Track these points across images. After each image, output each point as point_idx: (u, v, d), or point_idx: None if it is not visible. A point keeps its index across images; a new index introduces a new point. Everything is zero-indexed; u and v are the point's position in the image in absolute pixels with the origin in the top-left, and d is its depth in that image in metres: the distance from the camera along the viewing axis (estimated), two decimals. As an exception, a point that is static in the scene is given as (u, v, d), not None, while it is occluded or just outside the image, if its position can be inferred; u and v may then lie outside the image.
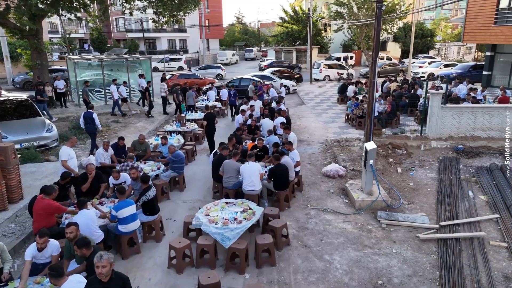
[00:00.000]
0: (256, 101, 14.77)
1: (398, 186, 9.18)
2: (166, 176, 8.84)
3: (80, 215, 5.93)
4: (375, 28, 9.50)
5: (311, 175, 10.10)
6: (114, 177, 7.42)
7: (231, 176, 7.99)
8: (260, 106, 14.50)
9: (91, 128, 11.22)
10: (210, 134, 11.42)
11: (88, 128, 11.23)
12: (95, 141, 11.50)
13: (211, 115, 11.58)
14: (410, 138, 12.09)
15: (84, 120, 11.13)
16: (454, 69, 26.69)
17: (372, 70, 9.93)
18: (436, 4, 29.12)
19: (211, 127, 11.34)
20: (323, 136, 13.71)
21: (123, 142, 9.57)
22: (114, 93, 16.63)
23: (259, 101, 14.94)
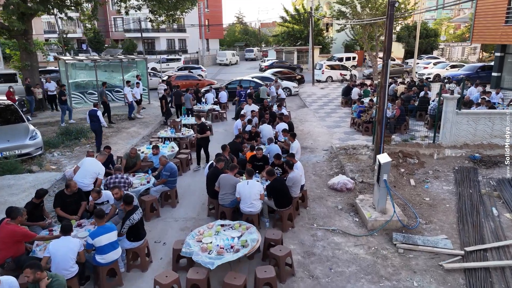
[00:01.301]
0: (252, 105, 13.93)
1: (413, 201, 8.31)
2: (156, 191, 7.98)
3: (61, 242, 5.07)
4: (387, 26, 8.64)
5: (316, 187, 9.23)
6: (93, 198, 6.54)
7: (228, 193, 7.13)
8: (253, 110, 13.42)
9: (96, 126, 11.38)
10: (199, 146, 10.49)
11: (93, 126, 11.43)
12: (100, 140, 11.61)
13: (202, 125, 10.45)
14: (422, 146, 11.22)
15: (89, 118, 11.33)
16: (461, 70, 25.80)
17: (383, 73, 9.07)
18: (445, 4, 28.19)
19: (203, 139, 10.35)
20: (328, 143, 12.85)
21: (109, 151, 8.70)
22: (128, 95, 15.86)
23: (254, 105, 14.09)
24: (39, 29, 37.04)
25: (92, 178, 7.46)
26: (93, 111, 11.40)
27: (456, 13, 66.08)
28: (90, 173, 7.41)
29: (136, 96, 16.27)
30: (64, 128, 13.20)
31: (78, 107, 17.97)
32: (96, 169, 7.48)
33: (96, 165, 7.52)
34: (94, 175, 7.46)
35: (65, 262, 5.02)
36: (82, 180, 7.30)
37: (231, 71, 39.47)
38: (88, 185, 7.37)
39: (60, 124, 14.70)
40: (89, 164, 7.49)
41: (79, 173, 7.44)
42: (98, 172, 7.52)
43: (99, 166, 7.55)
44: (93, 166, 7.46)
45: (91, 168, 7.43)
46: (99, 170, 7.52)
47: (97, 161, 7.59)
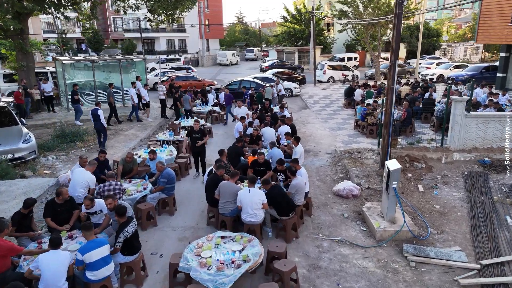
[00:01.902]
0: (241, 107, 13.44)
1: (422, 209, 7.93)
2: (153, 198, 7.59)
3: (50, 256, 4.69)
4: (395, 26, 8.27)
5: (320, 194, 8.85)
6: (85, 206, 6.16)
7: (228, 201, 6.75)
8: (247, 113, 13.05)
9: (99, 125, 11.48)
10: (195, 153, 9.75)
11: (96, 125, 11.52)
12: (105, 139, 11.82)
13: (200, 131, 9.51)
14: (430, 150, 10.83)
15: (93, 118, 11.45)
16: (465, 71, 25.41)
17: (391, 74, 8.68)
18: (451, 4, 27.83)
19: (199, 147, 9.52)
20: (331, 146, 12.47)
21: (105, 155, 8.31)
22: (134, 97, 15.47)
23: (244, 107, 13.70)
24: (37, 29, 36.69)
25: (84, 188, 7.06)
26: (94, 110, 11.49)
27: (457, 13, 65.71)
28: (81, 184, 7.00)
29: (145, 99, 15.87)
30: (59, 130, 12.81)
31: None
32: (86, 180, 7.07)
33: (85, 175, 7.11)
34: (85, 185, 7.06)
35: (56, 278, 4.65)
36: (73, 193, 6.89)
37: (231, 72, 39.10)
38: (81, 197, 6.98)
39: (74, 122, 14.86)
40: (79, 176, 7.08)
41: (70, 186, 7.05)
42: (88, 183, 7.11)
43: (89, 176, 7.14)
44: (83, 177, 7.05)
45: (81, 179, 7.02)
46: (89, 180, 7.12)
47: (86, 171, 7.18)
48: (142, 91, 15.93)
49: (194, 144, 9.38)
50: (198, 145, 9.34)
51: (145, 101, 15.94)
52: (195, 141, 9.36)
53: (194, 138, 9.36)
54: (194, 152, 9.64)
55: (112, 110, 14.92)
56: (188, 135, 9.70)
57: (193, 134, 9.43)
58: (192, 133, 9.49)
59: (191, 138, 9.42)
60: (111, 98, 14.92)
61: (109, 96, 15.05)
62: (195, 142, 9.35)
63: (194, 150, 9.59)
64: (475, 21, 47.58)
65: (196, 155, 9.70)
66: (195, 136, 9.38)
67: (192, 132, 9.51)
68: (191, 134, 9.49)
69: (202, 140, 9.40)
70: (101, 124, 11.52)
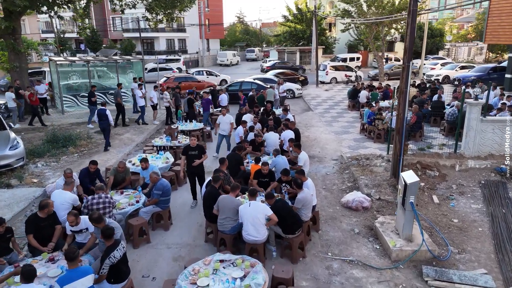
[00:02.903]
0: (225, 115, 11.23)
1: (439, 224, 7.29)
2: (146, 212, 6.96)
3: None
4: (409, 24, 7.63)
5: (328, 205, 8.21)
6: (69, 222, 5.52)
7: (228, 217, 6.11)
8: (231, 122, 11.23)
9: (104, 125, 11.53)
10: (192, 174, 8.06)
11: (102, 124, 11.53)
12: (108, 138, 11.83)
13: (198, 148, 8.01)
14: (443, 156, 10.19)
15: (98, 117, 11.47)
16: (472, 72, 24.77)
17: (403, 76, 8.04)
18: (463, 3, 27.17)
19: (196, 167, 7.93)
20: (337, 151, 11.84)
21: (96, 166, 7.67)
22: (154, 98, 15.01)
23: (229, 116, 11.41)
24: (34, 29, 36.15)
25: (67, 210, 6.31)
26: (102, 110, 11.55)
27: (459, 13, 65.11)
28: (63, 207, 6.24)
29: (153, 100, 15.22)
30: (51, 134, 12.18)
31: (70, 110, 17.02)
32: (67, 201, 6.35)
33: (65, 196, 6.38)
34: (68, 207, 6.30)
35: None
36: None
37: (232, 72, 38.46)
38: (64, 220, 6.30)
39: (87, 125, 14.58)
40: (59, 199, 6.31)
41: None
42: (71, 203, 6.40)
43: (69, 197, 6.43)
44: (63, 199, 6.33)
45: (62, 202, 6.30)
46: (71, 200, 6.42)
47: (65, 192, 6.44)
48: (152, 93, 15.28)
49: (191, 164, 7.88)
50: (196, 164, 7.87)
51: (152, 103, 15.25)
52: (191, 160, 7.87)
53: (191, 156, 7.90)
54: (191, 173, 8.02)
55: (120, 111, 14.60)
56: (184, 153, 8.07)
57: (189, 151, 7.95)
58: (188, 150, 7.99)
59: (187, 156, 7.95)
60: (119, 99, 14.53)
61: (117, 97, 14.63)
62: (192, 161, 7.86)
63: (190, 171, 7.98)
64: (479, 20, 47.21)
65: (193, 177, 8.10)
66: (192, 153, 7.91)
67: (188, 149, 8.00)
68: (187, 151, 7.98)
69: (200, 158, 7.97)
70: (108, 124, 11.59)
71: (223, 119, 11.17)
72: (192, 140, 8.08)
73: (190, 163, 7.86)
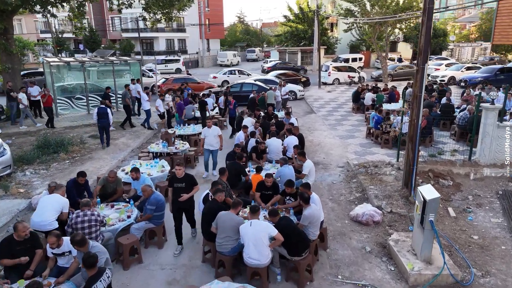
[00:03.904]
0: (211, 127, 9.57)
1: (458, 241, 6.69)
2: (138, 229, 6.36)
3: None
4: (425, 22, 7.03)
5: (335, 219, 7.61)
6: (50, 244, 4.93)
7: (228, 237, 5.52)
8: (219, 134, 9.65)
9: (105, 123, 11.60)
10: (178, 210, 6.49)
11: (102, 123, 11.55)
12: (109, 135, 11.99)
13: (186, 179, 6.48)
14: (456, 164, 9.59)
15: (98, 116, 11.44)
16: (479, 73, 24.15)
17: (417, 79, 7.44)
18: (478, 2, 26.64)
19: (184, 202, 6.43)
20: (343, 158, 11.24)
21: (84, 178, 7.07)
22: (160, 108, 14.18)
23: (216, 128, 9.73)
24: (31, 29, 35.62)
25: (55, 212, 5.89)
26: (103, 109, 11.63)
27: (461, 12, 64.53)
28: (51, 207, 5.84)
29: (159, 109, 14.35)
30: (42, 139, 11.59)
31: (64, 113, 16.42)
32: (58, 202, 5.92)
33: (57, 198, 5.96)
34: (58, 209, 5.89)
35: None
36: (40, 218, 5.74)
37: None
38: (49, 223, 5.80)
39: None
40: (49, 199, 5.94)
41: (37, 211, 5.87)
42: (62, 205, 5.98)
43: (62, 199, 6.02)
44: (54, 199, 5.91)
45: (52, 201, 5.88)
46: (64, 203, 6.00)
47: (56, 195, 6.02)
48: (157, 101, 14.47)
49: (177, 198, 6.36)
50: (183, 199, 6.33)
51: (159, 112, 14.38)
52: (178, 193, 6.38)
53: (177, 189, 6.40)
54: (177, 208, 6.44)
55: (128, 112, 14.27)
56: (170, 184, 6.58)
57: (175, 183, 6.43)
58: (174, 181, 6.46)
59: (173, 189, 6.46)
60: (127, 100, 14.19)
61: (125, 98, 14.28)
62: (179, 195, 6.36)
63: (177, 206, 6.42)
64: (483, 20, 46.60)
65: (180, 214, 6.50)
66: (179, 186, 6.40)
67: (174, 181, 6.47)
68: (173, 183, 6.48)
69: (189, 191, 6.45)
70: (107, 122, 11.65)
71: (209, 132, 9.50)
72: (178, 170, 6.42)
73: (177, 196, 6.37)
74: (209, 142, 9.53)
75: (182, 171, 6.47)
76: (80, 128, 14.20)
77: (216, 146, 9.59)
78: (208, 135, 9.54)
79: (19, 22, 34.08)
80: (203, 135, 9.64)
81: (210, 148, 9.60)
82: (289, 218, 5.77)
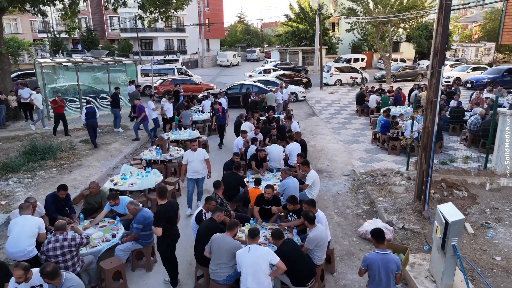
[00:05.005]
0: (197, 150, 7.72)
1: (479, 262, 6.02)
2: (124, 250, 5.70)
3: None
4: (440, 21, 6.36)
5: (342, 236, 6.95)
6: (16, 278, 4.26)
7: (223, 263, 4.86)
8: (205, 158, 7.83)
9: (94, 122, 11.66)
10: (169, 247, 5.39)
11: (92, 122, 11.59)
12: (97, 134, 11.99)
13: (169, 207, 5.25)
14: (471, 173, 8.92)
15: (87, 116, 11.43)
16: (485, 74, 23.49)
17: (431, 83, 6.78)
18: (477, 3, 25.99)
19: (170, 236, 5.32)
20: (348, 164, 10.59)
21: (65, 192, 6.39)
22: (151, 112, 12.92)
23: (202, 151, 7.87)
24: (27, 28, 34.97)
25: (33, 238, 5.20)
26: (91, 108, 11.77)
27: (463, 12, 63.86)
28: (27, 233, 5.15)
29: (167, 114, 13.17)
30: (29, 145, 10.95)
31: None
32: (34, 224, 5.26)
33: (30, 220, 5.29)
34: (34, 233, 5.21)
35: None
36: (16, 248, 5.07)
37: (232, 73, 37.29)
38: (29, 251, 5.12)
39: (114, 129, 13.98)
40: (22, 224, 5.22)
41: (11, 240, 5.16)
42: (39, 226, 5.31)
43: (36, 220, 5.36)
44: (29, 223, 5.23)
45: (26, 226, 5.18)
46: (40, 224, 5.33)
47: (28, 216, 5.34)
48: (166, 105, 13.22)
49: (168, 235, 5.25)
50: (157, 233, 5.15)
51: (166, 116, 13.26)
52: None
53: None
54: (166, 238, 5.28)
55: None
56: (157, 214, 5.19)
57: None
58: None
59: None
60: (136, 100, 13.36)
61: (134, 98, 13.69)
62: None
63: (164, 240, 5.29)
64: (487, 20, 45.89)
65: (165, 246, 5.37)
66: None
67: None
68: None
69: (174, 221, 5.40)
70: (96, 122, 11.75)
71: (193, 156, 7.61)
72: (158, 198, 5.28)
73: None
74: (193, 169, 7.63)
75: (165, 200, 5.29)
76: (72, 132, 13.55)
77: (203, 173, 7.78)
78: (193, 160, 7.62)
79: (14, 22, 33.39)
80: (186, 160, 7.66)
81: (195, 176, 7.70)
82: (294, 242, 5.10)
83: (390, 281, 4.33)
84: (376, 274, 4.35)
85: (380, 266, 4.33)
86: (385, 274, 4.32)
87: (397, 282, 4.44)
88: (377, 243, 4.49)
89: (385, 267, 4.32)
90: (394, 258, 4.44)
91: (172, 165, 9.72)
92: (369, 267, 4.42)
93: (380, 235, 4.48)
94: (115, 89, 14.45)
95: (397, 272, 4.37)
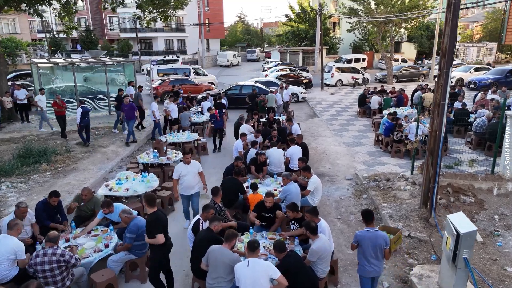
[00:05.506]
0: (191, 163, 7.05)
1: (490, 273, 5.74)
2: (117, 261, 5.42)
3: None
4: (449, 20, 6.08)
5: (346, 244, 6.67)
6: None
7: (220, 277, 4.59)
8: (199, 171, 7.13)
9: (88, 122, 11.80)
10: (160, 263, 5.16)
11: (86, 122, 11.70)
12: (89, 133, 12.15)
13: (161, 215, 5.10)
14: (478, 178, 8.64)
15: (82, 116, 11.46)
16: (488, 74, 23.20)
17: (439, 85, 6.50)
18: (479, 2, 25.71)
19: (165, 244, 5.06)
20: (350, 168, 10.31)
21: (57, 199, 6.12)
22: (156, 113, 12.52)
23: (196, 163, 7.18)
24: (25, 29, 34.74)
25: (9, 262, 4.79)
26: (86, 108, 12.01)
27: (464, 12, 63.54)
28: (4, 257, 4.74)
29: (171, 115, 12.89)
30: (24, 147, 10.68)
31: (53, 117, 15.44)
32: (12, 248, 4.78)
33: (9, 243, 4.80)
34: (11, 258, 4.78)
35: None
36: None
37: (232, 73, 37.03)
38: (7, 274, 4.77)
39: (122, 131, 13.48)
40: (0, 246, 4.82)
41: None
42: (15, 252, 4.79)
43: (15, 244, 4.83)
44: (6, 247, 4.76)
45: (3, 251, 4.74)
46: (17, 249, 4.80)
47: (9, 238, 4.86)
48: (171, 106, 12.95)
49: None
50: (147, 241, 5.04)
51: (171, 117, 12.96)
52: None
53: None
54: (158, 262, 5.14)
55: (141, 114, 13.68)
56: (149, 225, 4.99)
57: None
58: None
59: None
60: (140, 101, 13.65)
61: (138, 99, 13.71)
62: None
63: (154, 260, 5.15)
64: (489, 20, 45.58)
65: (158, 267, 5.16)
66: None
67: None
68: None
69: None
70: (89, 120, 11.84)
71: (186, 169, 6.89)
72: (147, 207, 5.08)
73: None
74: (187, 184, 6.87)
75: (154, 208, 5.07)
76: (69, 134, 13.27)
77: (197, 188, 7.02)
78: (186, 174, 6.86)
79: (12, 22, 33.16)
80: (177, 175, 6.93)
81: (188, 192, 6.96)
82: (297, 254, 4.82)
83: (378, 255, 4.71)
84: (366, 249, 4.69)
85: (369, 241, 4.66)
86: (373, 249, 4.67)
87: (386, 257, 4.83)
88: (366, 223, 4.84)
89: (374, 243, 4.65)
90: (382, 234, 4.77)
91: (169, 169, 9.41)
92: (359, 243, 4.74)
93: (369, 215, 4.82)
94: (118, 90, 14.13)
95: (385, 247, 4.71)
